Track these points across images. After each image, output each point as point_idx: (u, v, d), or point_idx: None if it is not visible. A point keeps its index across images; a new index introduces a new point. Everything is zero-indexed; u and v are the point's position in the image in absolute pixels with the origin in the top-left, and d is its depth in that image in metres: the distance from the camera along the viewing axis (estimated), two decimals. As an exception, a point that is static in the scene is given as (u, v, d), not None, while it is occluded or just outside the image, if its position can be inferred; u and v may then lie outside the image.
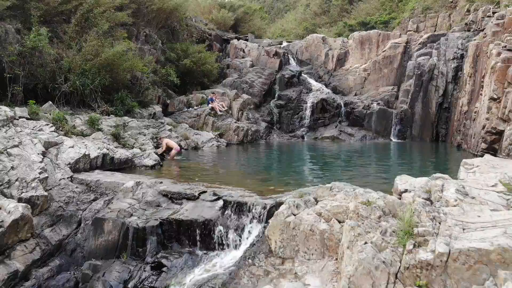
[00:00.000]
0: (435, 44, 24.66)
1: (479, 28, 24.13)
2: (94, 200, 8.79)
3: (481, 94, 17.39)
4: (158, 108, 18.02)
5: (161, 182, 8.64)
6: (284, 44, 29.10)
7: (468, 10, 26.69)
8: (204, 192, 8.03)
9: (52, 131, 10.69)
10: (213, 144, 17.31)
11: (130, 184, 8.54)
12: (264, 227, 6.81)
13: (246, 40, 28.57)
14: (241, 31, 30.53)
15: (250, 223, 7.04)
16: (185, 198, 7.93)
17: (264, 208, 7.00)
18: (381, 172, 12.06)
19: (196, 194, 7.89)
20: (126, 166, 11.10)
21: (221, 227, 7.10)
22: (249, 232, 6.95)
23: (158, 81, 19.12)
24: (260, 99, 23.76)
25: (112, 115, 15.50)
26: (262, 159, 14.84)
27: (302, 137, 22.94)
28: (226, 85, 24.09)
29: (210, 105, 20.13)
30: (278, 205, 6.87)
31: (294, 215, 5.68)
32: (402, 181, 7.88)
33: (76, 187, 9.13)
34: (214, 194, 7.83)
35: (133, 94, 17.66)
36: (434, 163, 14.68)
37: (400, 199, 7.43)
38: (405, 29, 29.51)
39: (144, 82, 18.30)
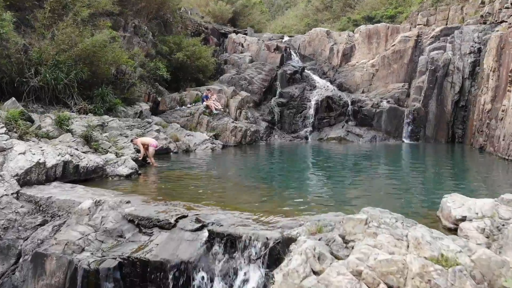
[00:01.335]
0: (448, 38, 22.42)
1: (496, 21, 21.91)
2: (41, 224, 6.56)
3: (508, 91, 15.13)
4: (145, 106, 15.77)
5: (128, 202, 6.39)
6: (286, 38, 26.82)
7: (483, 2, 24.41)
8: (184, 216, 5.79)
9: (1, 134, 8.45)
10: (207, 147, 15.06)
11: (87, 204, 6.30)
12: (267, 275, 4.60)
13: (245, 34, 26.29)
14: (240, 25, 28.25)
15: (245, 267, 4.81)
16: (158, 226, 5.70)
17: (266, 245, 4.77)
18: (403, 182, 9.83)
19: (172, 220, 5.65)
20: (95, 175, 8.86)
21: (204, 273, 4.87)
22: (245, 281, 4.73)
23: (146, 76, 16.86)
24: (260, 97, 21.51)
25: (90, 114, 13.30)
26: (262, 164, 12.61)
27: (306, 138, 20.70)
28: (223, 81, 21.84)
29: (204, 103, 17.88)
30: (286, 241, 4.65)
31: (315, 273, 3.44)
32: (456, 203, 5.65)
33: (22, 207, 6.88)
34: (197, 221, 5.60)
35: (118, 91, 15.46)
36: (462, 169, 12.44)
37: (456, 230, 5.22)
38: (413, 23, 27.24)
39: (131, 77, 16.06)
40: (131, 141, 11.43)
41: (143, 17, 19.78)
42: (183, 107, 18.24)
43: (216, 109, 17.90)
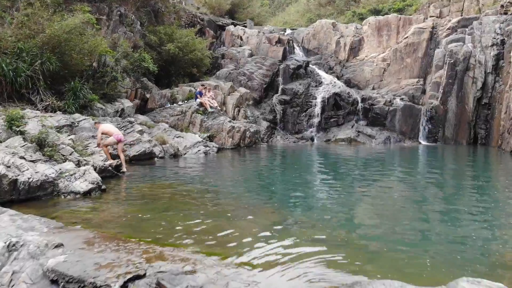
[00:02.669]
0: (467, 29, 20.17)
1: (519, 10, 19.71)
2: None
3: (549, 85, 12.85)
4: (127, 103, 13.46)
5: (58, 246, 4.07)
6: (288, 31, 24.51)
7: (502, -9, 22.13)
8: (139, 277, 3.47)
9: None
10: (199, 150, 12.75)
11: (-7, 250, 3.99)
12: None
13: (245, 27, 23.97)
14: (239, 17, 25.93)
15: None
16: (93, 295, 3.38)
17: None
18: (443, 202, 7.54)
19: (117, 286, 3.33)
20: (42, 193, 6.53)
21: None
22: None
23: (130, 68, 14.50)
24: (260, 94, 19.23)
25: (59, 112, 11.02)
26: (265, 174, 10.27)
27: (312, 139, 18.40)
28: (220, 77, 19.55)
29: (198, 100, 15.57)
30: None
31: None
32: None
33: None
34: (159, 286, 3.29)
35: (97, 85, 13.19)
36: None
37: None
38: (425, 15, 24.96)
39: (113, 70, 13.74)
40: (95, 123, 9.39)
41: (130, 4, 17.45)
42: (174, 104, 15.93)
43: (211, 107, 15.60)
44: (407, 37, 21.02)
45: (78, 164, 7.88)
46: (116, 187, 7.43)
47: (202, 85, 16.48)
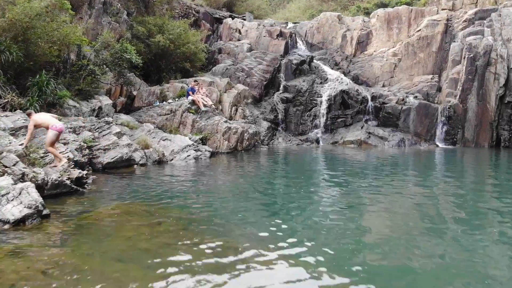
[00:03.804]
0: (485, 22, 18.27)
1: (542, 0, 17.84)
2: None
3: None
4: (106, 101, 11.53)
5: None
6: (290, 25, 22.58)
7: (522, -19, 20.20)
8: None
9: None
10: (189, 155, 10.83)
11: None
12: None
13: (243, 20, 22.04)
14: (237, 10, 24.00)
15: None
16: None
17: None
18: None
19: None
20: (-44, 223, 4.64)
21: None
22: None
23: (110, 61, 12.53)
24: (260, 91, 17.32)
25: (19, 111, 9.11)
26: (265, 188, 8.33)
27: (317, 141, 16.50)
28: (217, 73, 17.65)
29: (190, 98, 13.65)
30: None
31: None
32: None
33: None
34: None
35: (73, 80, 11.30)
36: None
37: None
38: (437, 8, 23.03)
39: (90, 62, 11.81)
40: (27, 114, 7.38)
41: (115, -8, 15.53)
42: (164, 103, 14.01)
43: (204, 105, 13.68)
44: (419, 30, 19.12)
45: (23, 177, 5.97)
46: (67, 211, 5.49)
47: (195, 81, 14.55)
